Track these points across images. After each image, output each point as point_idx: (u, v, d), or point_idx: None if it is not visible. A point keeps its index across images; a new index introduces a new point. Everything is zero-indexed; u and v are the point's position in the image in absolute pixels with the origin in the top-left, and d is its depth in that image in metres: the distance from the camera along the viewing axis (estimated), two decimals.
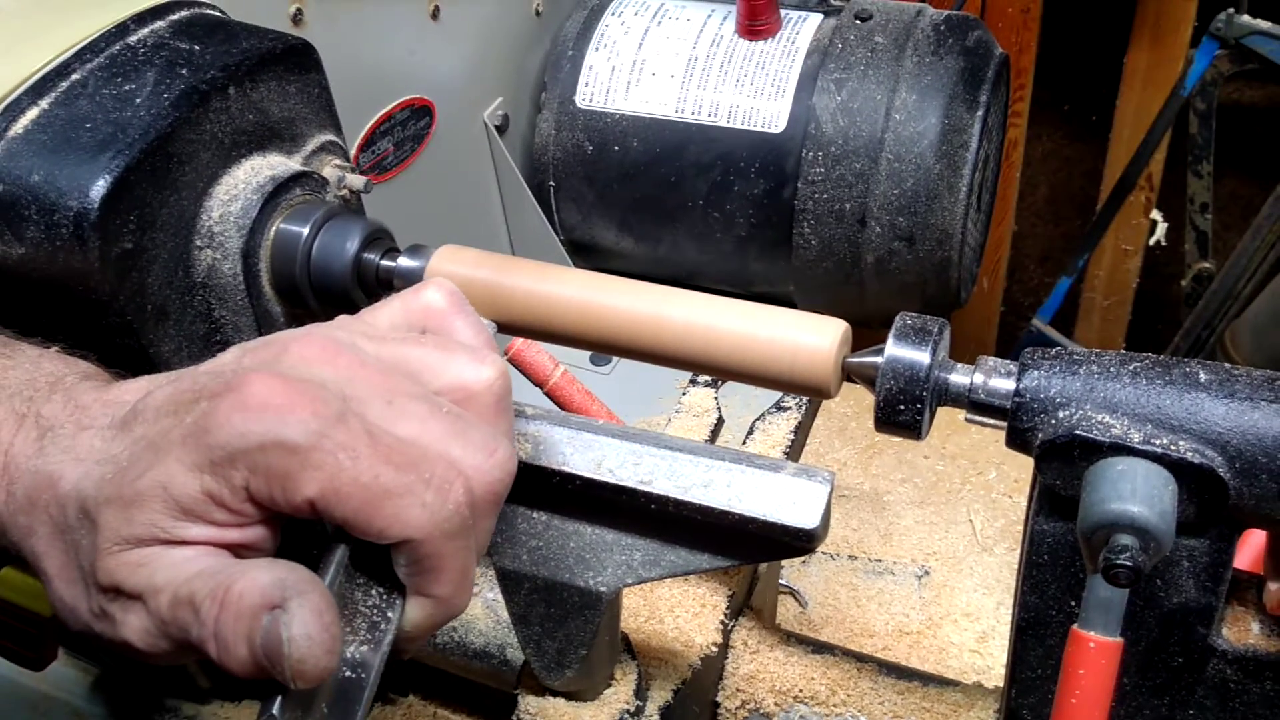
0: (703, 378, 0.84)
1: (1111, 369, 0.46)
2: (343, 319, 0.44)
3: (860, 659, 0.69)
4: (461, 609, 0.41)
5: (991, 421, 0.48)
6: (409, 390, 0.39)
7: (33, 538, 0.40)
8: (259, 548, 0.39)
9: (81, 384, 0.43)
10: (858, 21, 0.99)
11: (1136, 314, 2.07)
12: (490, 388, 0.41)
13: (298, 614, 0.36)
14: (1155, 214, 1.92)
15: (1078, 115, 1.97)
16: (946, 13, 1.01)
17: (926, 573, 0.94)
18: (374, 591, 0.41)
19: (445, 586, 0.39)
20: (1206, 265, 1.83)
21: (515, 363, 0.70)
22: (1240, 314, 1.69)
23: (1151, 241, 1.95)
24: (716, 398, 0.81)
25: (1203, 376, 0.45)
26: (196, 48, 0.57)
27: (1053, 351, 0.47)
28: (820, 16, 1.00)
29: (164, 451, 0.38)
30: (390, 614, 0.40)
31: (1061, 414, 0.45)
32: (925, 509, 1.00)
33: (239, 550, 0.39)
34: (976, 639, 0.88)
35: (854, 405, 1.12)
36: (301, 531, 0.41)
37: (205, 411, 0.37)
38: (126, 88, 0.55)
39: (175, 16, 0.60)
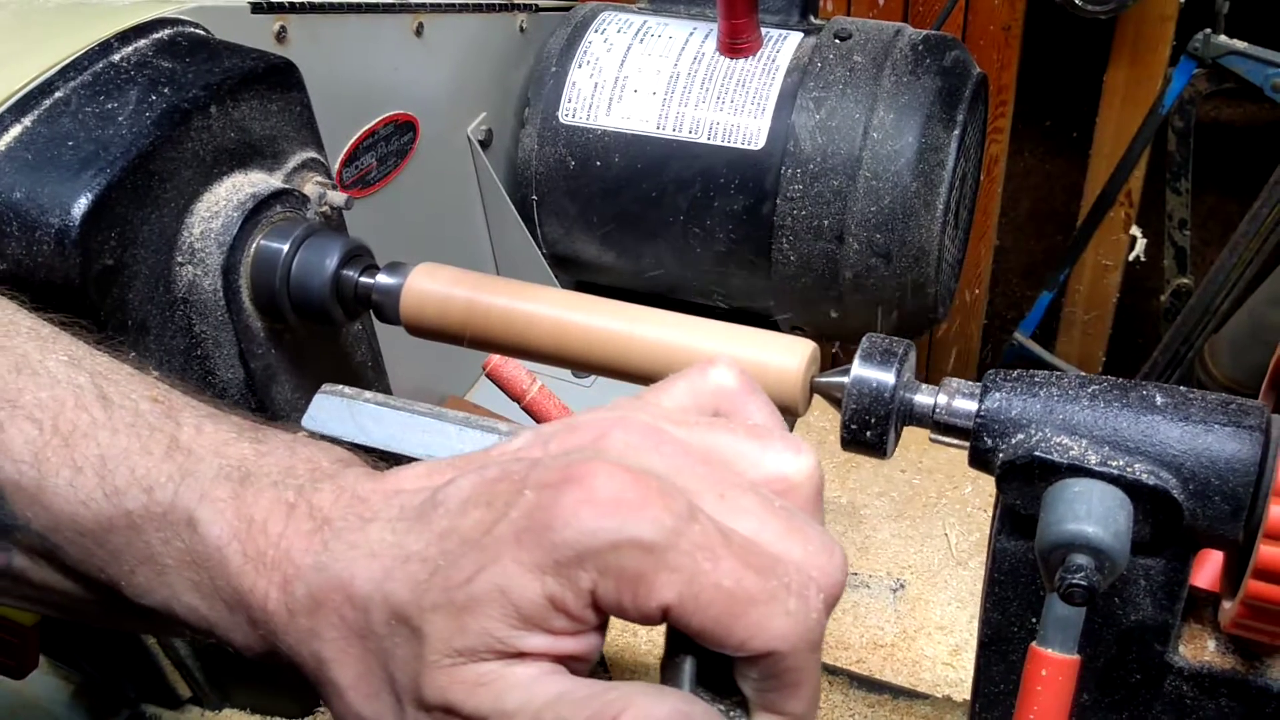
0: None
1: (1070, 391, 0.47)
2: (624, 400, 0.39)
3: (832, 672, 0.70)
4: None
5: (955, 441, 0.49)
6: (737, 482, 0.35)
7: (317, 642, 0.36)
8: (588, 659, 0.35)
9: (347, 471, 0.39)
10: (837, 41, 1.00)
11: (1117, 328, 2.08)
12: (811, 478, 0.37)
13: None
14: (1135, 230, 1.93)
15: (1059, 132, 1.98)
16: (925, 33, 1.02)
17: (902, 586, 0.95)
18: (718, 708, 0.36)
19: (801, 703, 0.35)
20: (1185, 281, 1.85)
21: (493, 378, 0.71)
22: (1218, 329, 1.71)
23: (1131, 257, 1.97)
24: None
25: (1159, 399, 0.46)
26: (179, 66, 0.58)
27: (1014, 373, 0.48)
28: (801, 35, 1.02)
29: (492, 550, 0.33)
30: None
31: (1021, 435, 0.46)
32: (901, 523, 1.02)
33: (571, 663, 0.35)
34: (950, 652, 0.89)
35: (832, 420, 1.13)
36: None
37: (539, 504, 0.33)
38: (109, 106, 0.55)
39: (159, 35, 0.61)
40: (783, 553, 0.34)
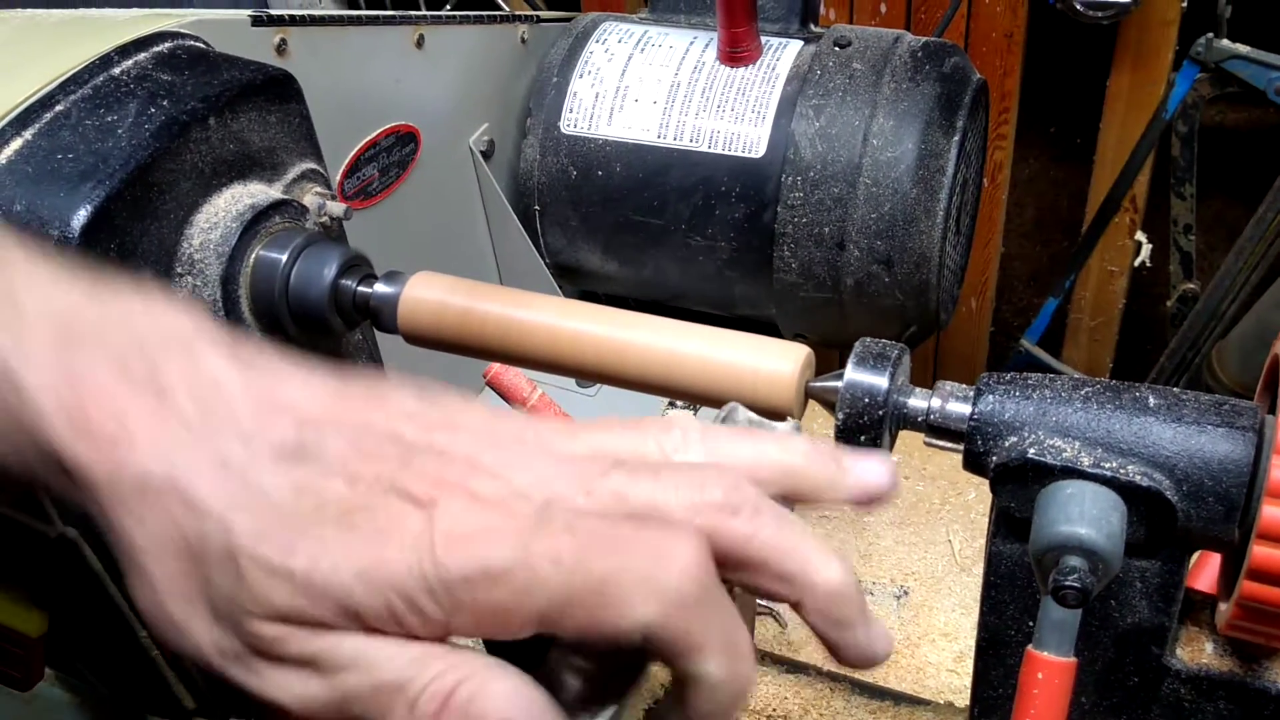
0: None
1: (1063, 394, 0.47)
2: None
3: (834, 678, 0.70)
4: (746, 679, 0.34)
5: (949, 445, 0.49)
6: (601, 469, 0.34)
7: (138, 528, 0.33)
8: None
9: (211, 352, 0.35)
10: (836, 48, 1.00)
11: (1124, 334, 2.08)
12: (678, 422, 0.36)
13: None
14: (1140, 235, 1.93)
15: (1063, 138, 1.98)
16: (924, 39, 1.02)
17: (905, 593, 0.95)
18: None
19: (710, 660, 0.32)
20: (1191, 286, 1.84)
21: (493, 386, 0.72)
22: (1225, 334, 1.70)
23: (1137, 263, 1.96)
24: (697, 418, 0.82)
25: (1152, 401, 0.46)
26: (178, 79, 0.59)
27: (1008, 376, 0.48)
28: (800, 43, 1.02)
29: (342, 540, 0.32)
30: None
31: (1015, 438, 0.46)
32: (905, 529, 1.01)
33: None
34: (954, 658, 0.88)
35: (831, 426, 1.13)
36: None
37: (394, 519, 0.32)
38: (109, 119, 0.56)
39: (159, 48, 0.61)
40: (653, 506, 0.33)
